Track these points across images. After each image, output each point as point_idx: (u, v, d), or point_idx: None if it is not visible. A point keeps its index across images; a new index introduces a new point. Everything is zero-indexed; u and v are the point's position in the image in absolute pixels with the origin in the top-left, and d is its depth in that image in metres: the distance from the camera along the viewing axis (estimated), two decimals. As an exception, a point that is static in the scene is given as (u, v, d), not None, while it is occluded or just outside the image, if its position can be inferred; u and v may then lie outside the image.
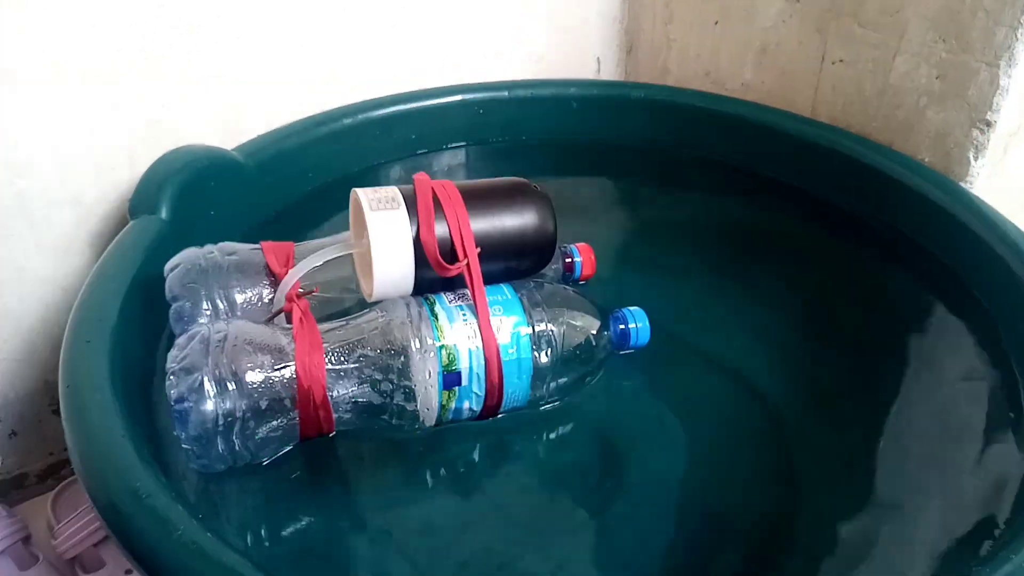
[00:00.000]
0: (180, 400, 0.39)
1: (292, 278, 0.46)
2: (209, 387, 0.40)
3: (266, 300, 0.48)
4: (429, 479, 0.46)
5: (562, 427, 0.49)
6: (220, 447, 0.41)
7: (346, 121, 0.72)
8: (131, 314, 0.49)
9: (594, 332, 0.48)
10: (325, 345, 0.43)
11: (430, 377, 0.44)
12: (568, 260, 0.56)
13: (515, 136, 0.79)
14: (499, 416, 0.47)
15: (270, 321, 0.46)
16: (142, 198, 0.58)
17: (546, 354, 0.46)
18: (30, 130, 0.59)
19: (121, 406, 0.42)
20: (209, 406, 0.39)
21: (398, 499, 0.45)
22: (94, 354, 0.45)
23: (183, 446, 0.40)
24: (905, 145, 0.67)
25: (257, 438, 0.42)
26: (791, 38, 0.74)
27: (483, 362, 0.44)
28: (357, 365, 0.43)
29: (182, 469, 0.44)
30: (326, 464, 0.46)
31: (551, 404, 0.49)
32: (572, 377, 0.48)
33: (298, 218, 0.67)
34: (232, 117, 0.69)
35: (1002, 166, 0.65)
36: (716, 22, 0.80)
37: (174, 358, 0.41)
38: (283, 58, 0.70)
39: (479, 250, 0.47)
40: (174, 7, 0.62)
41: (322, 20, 0.71)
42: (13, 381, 0.67)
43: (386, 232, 0.45)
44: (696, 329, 0.57)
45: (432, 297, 0.46)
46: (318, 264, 0.47)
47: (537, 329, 0.46)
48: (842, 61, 0.70)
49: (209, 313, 0.47)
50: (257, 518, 0.43)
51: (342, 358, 0.43)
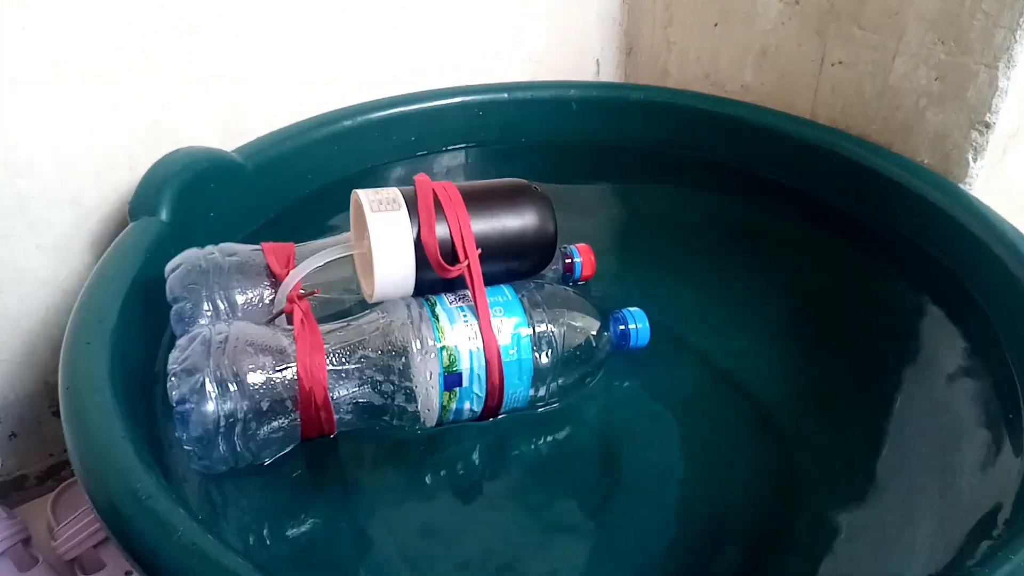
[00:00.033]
0: (182, 401, 0.39)
1: (293, 279, 0.46)
2: (211, 388, 0.40)
3: (267, 301, 0.48)
4: (429, 480, 0.46)
5: (562, 428, 0.49)
6: (222, 448, 0.41)
7: (345, 123, 0.72)
8: (131, 315, 0.49)
9: (594, 333, 0.48)
10: (326, 346, 0.43)
11: (431, 378, 0.44)
12: (568, 261, 0.56)
13: (514, 138, 0.79)
14: (499, 417, 0.47)
15: (271, 322, 0.46)
16: (142, 200, 0.58)
17: (546, 355, 0.46)
18: (30, 130, 0.59)
19: (121, 407, 0.42)
20: (210, 407, 0.40)
21: (399, 500, 0.45)
22: (94, 355, 0.45)
23: (185, 447, 0.40)
24: (904, 147, 0.67)
25: (258, 439, 0.42)
26: (790, 40, 0.74)
27: (484, 363, 0.44)
28: (358, 366, 0.43)
29: (182, 470, 0.44)
30: (327, 465, 0.46)
31: (551, 405, 0.49)
32: (572, 378, 0.48)
33: (297, 220, 0.67)
34: (232, 117, 0.69)
35: (1001, 168, 0.65)
36: (715, 24, 0.81)
37: (175, 359, 0.41)
38: (283, 58, 0.70)
39: (480, 251, 0.47)
40: (174, 7, 0.62)
41: (322, 20, 0.71)
42: (13, 383, 0.66)
43: (387, 233, 0.45)
44: (696, 330, 0.57)
45: (433, 298, 0.46)
46: (319, 265, 0.47)
47: (538, 330, 0.46)
48: (841, 63, 0.70)
49: (210, 314, 0.47)
50: (258, 519, 0.43)
51: (343, 359, 0.43)
